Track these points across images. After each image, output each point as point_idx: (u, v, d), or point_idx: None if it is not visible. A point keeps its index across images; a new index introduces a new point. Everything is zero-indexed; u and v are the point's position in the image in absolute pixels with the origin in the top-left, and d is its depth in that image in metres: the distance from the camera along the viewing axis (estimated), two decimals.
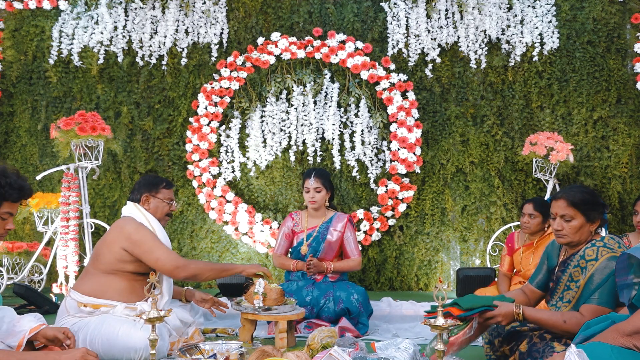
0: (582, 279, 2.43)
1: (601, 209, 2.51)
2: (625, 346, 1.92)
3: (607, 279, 2.36)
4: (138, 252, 2.85)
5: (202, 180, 5.53)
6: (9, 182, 2.13)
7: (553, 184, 5.05)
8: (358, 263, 3.84)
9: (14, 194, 2.15)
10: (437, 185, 5.52)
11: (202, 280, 3.05)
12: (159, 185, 3.10)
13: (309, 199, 3.80)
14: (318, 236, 3.81)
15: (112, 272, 2.86)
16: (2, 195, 2.12)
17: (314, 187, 3.78)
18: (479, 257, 5.47)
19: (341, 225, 3.81)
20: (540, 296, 2.72)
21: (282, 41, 5.52)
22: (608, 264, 2.37)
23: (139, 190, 3.09)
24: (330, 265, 3.74)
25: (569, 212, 2.50)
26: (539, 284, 2.71)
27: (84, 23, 5.67)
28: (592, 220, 2.49)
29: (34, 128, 5.76)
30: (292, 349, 2.84)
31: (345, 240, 3.82)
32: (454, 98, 5.59)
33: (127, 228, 2.89)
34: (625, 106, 5.51)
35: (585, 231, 2.50)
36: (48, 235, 4.97)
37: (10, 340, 2.20)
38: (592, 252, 2.44)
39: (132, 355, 2.61)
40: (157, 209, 3.08)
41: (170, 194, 3.14)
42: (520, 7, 5.50)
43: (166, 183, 3.14)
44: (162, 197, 3.10)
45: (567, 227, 2.50)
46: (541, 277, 2.71)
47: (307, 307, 3.50)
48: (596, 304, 2.36)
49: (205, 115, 5.54)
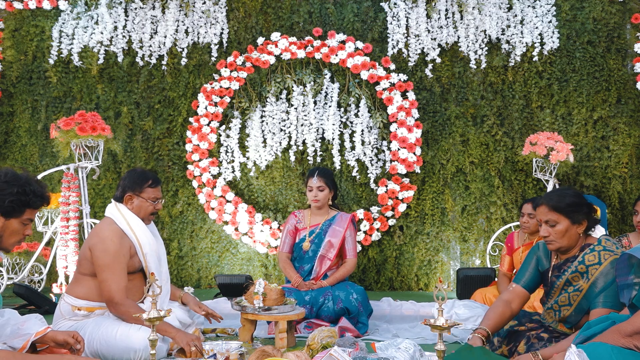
0: (584, 283, 2.42)
1: (585, 209, 2.47)
2: (626, 346, 1.92)
3: (612, 282, 2.34)
4: (94, 263, 2.79)
5: (202, 180, 5.53)
6: (33, 189, 2.23)
7: (553, 184, 5.05)
8: (353, 265, 3.84)
9: (37, 202, 2.25)
10: (437, 185, 5.52)
11: (128, 322, 2.75)
12: (143, 184, 2.96)
13: (312, 197, 3.81)
14: (321, 233, 3.82)
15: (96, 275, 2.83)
16: (26, 202, 2.21)
17: (317, 186, 3.80)
18: (479, 257, 5.47)
19: (344, 224, 3.82)
20: (527, 297, 2.68)
21: (282, 41, 5.51)
22: (611, 267, 2.36)
23: (123, 188, 2.98)
24: (329, 280, 3.72)
25: (551, 217, 2.48)
26: (527, 284, 2.67)
27: (84, 23, 5.67)
28: (577, 221, 2.46)
29: (34, 128, 5.76)
30: (292, 349, 2.84)
31: (345, 239, 3.83)
32: (454, 98, 5.59)
33: (98, 235, 2.84)
34: (625, 106, 5.50)
35: (573, 234, 2.47)
36: (48, 235, 4.97)
37: (15, 342, 2.22)
38: (593, 257, 2.42)
39: (131, 355, 2.61)
40: (140, 209, 2.97)
41: (156, 192, 3.00)
42: (520, 7, 5.50)
43: (152, 181, 2.99)
44: (147, 197, 2.97)
45: (553, 232, 2.48)
46: (529, 277, 2.67)
47: (306, 306, 3.50)
48: (602, 307, 2.34)
49: (205, 115, 5.54)
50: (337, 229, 3.81)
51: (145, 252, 2.94)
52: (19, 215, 2.22)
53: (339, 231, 3.80)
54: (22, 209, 2.21)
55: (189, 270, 5.61)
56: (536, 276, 2.67)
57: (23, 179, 2.22)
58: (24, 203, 2.21)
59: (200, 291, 5.29)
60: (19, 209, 2.20)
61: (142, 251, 2.93)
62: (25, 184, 2.21)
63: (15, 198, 2.18)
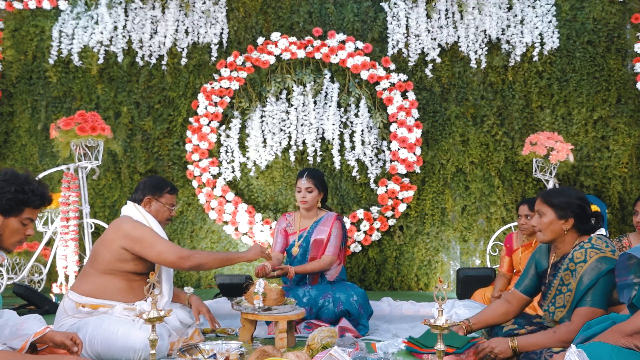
0: (573, 281, 2.43)
1: (575, 208, 2.51)
2: (626, 346, 1.92)
3: (596, 279, 2.36)
4: (139, 248, 2.83)
5: (202, 180, 5.53)
6: (32, 188, 2.23)
7: (553, 184, 5.05)
8: (328, 262, 3.67)
9: (36, 201, 2.24)
10: (437, 185, 5.52)
11: (207, 269, 3.05)
12: (163, 189, 3.08)
13: (300, 198, 3.72)
14: (308, 236, 3.74)
15: (111, 272, 2.85)
16: (25, 201, 2.21)
17: (305, 187, 3.71)
18: (479, 257, 5.47)
19: (329, 223, 3.73)
20: (527, 301, 2.74)
21: (282, 41, 5.51)
22: (597, 265, 2.37)
23: (143, 191, 3.06)
24: (292, 268, 3.55)
25: (541, 208, 2.58)
26: (526, 290, 2.73)
27: (84, 23, 5.67)
28: (562, 217, 2.52)
29: (33, 128, 5.76)
30: (292, 349, 2.84)
31: (330, 237, 3.70)
32: (454, 98, 5.59)
33: (124, 226, 2.88)
34: (625, 106, 5.50)
35: (557, 228, 2.53)
36: (48, 235, 4.97)
37: (14, 342, 2.22)
38: (580, 255, 2.45)
39: (131, 355, 2.61)
40: (158, 213, 3.07)
41: (173, 199, 3.13)
42: (520, 7, 5.50)
43: (171, 188, 3.12)
44: (165, 202, 3.08)
45: (540, 222, 2.57)
46: (528, 283, 2.73)
47: (305, 307, 3.47)
48: (589, 305, 2.36)
49: (205, 115, 5.54)
50: (322, 229, 3.73)
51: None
52: (18, 214, 2.22)
53: (324, 230, 3.72)
54: (20, 208, 2.21)
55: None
56: (535, 281, 2.72)
57: (22, 178, 2.23)
58: (23, 202, 2.21)
59: (200, 291, 5.29)
60: (17, 208, 2.20)
61: None
62: (25, 183, 2.21)
63: (13, 196, 2.18)
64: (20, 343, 2.21)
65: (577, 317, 2.36)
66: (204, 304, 3.26)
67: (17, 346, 2.21)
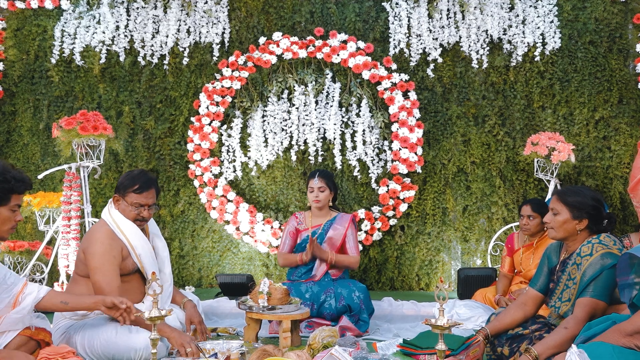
0: (578, 274, 2.46)
1: (590, 209, 2.53)
2: (627, 346, 1.92)
3: (599, 272, 2.38)
4: (87, 266, 2.80)
5: (204, 180, 5.53)
6: (13, 175, 2.32)
7: (554, 184, 5.04)
8: (356, 261, 3.88)
9: (20, 186, 2.34)
10: (439, 185, 5.52)
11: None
12: (127, 188, 2.90)
13: (313, 198, 3.85)
14: (322, 233, 3.86)
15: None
16: (10, 189, 2.30)
17: (318, 187, 3.84)
18: (480, 257, 5.46)
19: (344, 224, 3.87)
20: (542, 300, 2.74)
21: (284, 41, 5.52)
22: (601, 259, 2.40)
23: (116, 187, 2.98)
24: (333, 255, 3.74)
25: (556, 206, 2.59)
26: (541, 287, 2.73)
27: (86, 22, 5.67)
28: (577, 217, 2.54)
29: (35, 127, 5.77)
30: (296, 349, 2.84)
31: (347, 238, 3.87)
32: (455, 98, 5.58)
33: (89, 238, 2.85)
34: (627, 106, 5.50)
35: (570, 227, 2.55)
36: (49, 235, 4.97)
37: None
38: (587, 249, 2.48)
39: (131, 355, 2.61)
40: (124, 212, 2.93)
41: (140, 198, 2.89)
42: (522, 7, 5.49)
43: (139, 186, 2.89)
44: (130, 202, 2.90)
45: (554, 220, 2.58)
46: (543, 280, 2.73)
47: (307, 303, 3.50)
48: (590, 296, 2.38)
49: (207, 115, 5.54)
50: (338, 227, 3.87)
51: (139, 254, 2.91)
52: (6, 203, 2.31)
53: (339, 229, 3.85)
54: (7, 196, 2.30)
55: (190, 270, 5.62)
56: (548, 277, 2.71)
57: (1, 169, 2.31)
58: (8, 190, 2.30)
59: (201, 290, 5.30)
60: (4, 196, 2.29)
61: (135, 252, 2.90)
62: (5, 172, 2.30)
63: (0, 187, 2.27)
64: (8, 299, 2.35)
65: (579, 308, 2.37)
66: (199, 313, 3.11)
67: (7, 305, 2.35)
